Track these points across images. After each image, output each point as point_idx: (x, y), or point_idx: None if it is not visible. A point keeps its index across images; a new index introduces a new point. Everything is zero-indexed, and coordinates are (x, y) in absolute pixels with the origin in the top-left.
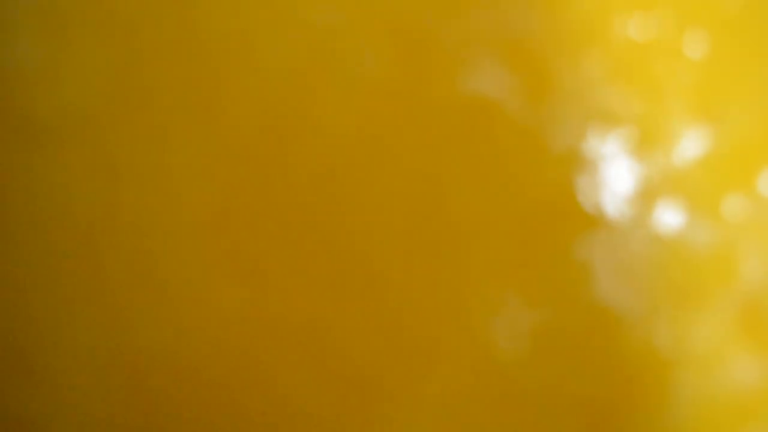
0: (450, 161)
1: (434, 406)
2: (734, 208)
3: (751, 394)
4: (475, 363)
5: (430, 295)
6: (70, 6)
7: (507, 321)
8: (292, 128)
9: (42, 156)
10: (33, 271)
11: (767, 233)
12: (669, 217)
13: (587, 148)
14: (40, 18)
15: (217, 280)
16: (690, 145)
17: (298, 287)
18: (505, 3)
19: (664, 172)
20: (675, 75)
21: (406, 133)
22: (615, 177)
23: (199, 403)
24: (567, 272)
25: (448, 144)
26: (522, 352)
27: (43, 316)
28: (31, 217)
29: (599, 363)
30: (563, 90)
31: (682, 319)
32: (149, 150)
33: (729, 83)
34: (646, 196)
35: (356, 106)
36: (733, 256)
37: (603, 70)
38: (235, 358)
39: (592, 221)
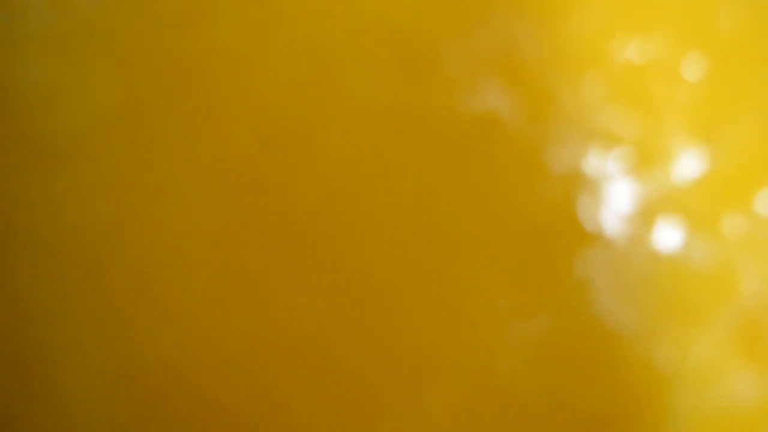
0: (452, 180)
1: (435, 419)
2: (732, 226)
3: (749, 409)
4: (476, 377)
5: (431, 310)
6: (73, 29)
7: (508, 336)
8: (295, 147)
9: (44, 175)
10: (36, 287)
11: (765, 251)
12: (668, 236)
13: (587, 167)
14: (43, 40)
15: (219, 296)
16: (688, 164)
17: (300, 302)
18: (507, 25)
19: (662, 191)
20: (673, 96)
21: (408, 152)
22: (615, 196)
23: (203, 416)
24: (567, 289)
25: (450, 163)
26: (523, 367)
27: (47, 331)
28: (34, 235)
29: (599, 378)
30: (564, 110)
31: (681, 336)
32: (151, 169)
33: (726, 104)
34: (646, 214)
35: (359, 126)
36: (732, 273)
37: (603, 91)
38: (237, 371)
39: (593, 239)
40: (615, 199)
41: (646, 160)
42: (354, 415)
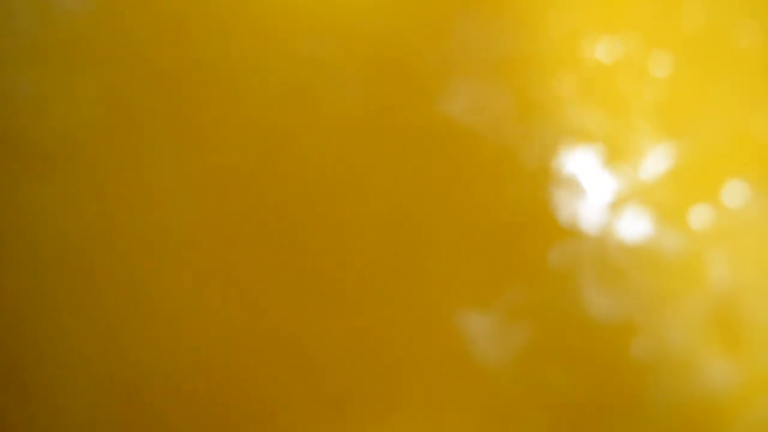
0: (428, 180)
1: (418, 417)
2: (701, 218)
3: (725, 394)
4: (455, 372)
5: (410, 308)
6: (59, 39)
7: (489, 330)
8: (276, 153)
9: (34, 181)
10: (28, 291)
11: (733, 241)
12: (639, 228)
13: (560, 163)
14: (30, 51)
15: (205, 297)
16: (657, 159)
17: (282, 302)
18: (479, 27)
19: (633, 185)
20: (641, 94)
21: (386, 154)
22: (587, 190)
23: (191, 416)
24: (544, 282)
25: (427, 163)
26: (503, 361)
27: (39, 334)
28: (26, 241)
29: (578, 368)
30: (536, 109)
31: (656, 324)
32: (139, 175)
33: (692, 100)
34: (617, 208)
35: (336, 131)
36: (702, 263)
37: (573, 90)
38: (225, 372)
39: (566, 233)
40: (587, 194)
41: (616, 155)
42: (337, 413)
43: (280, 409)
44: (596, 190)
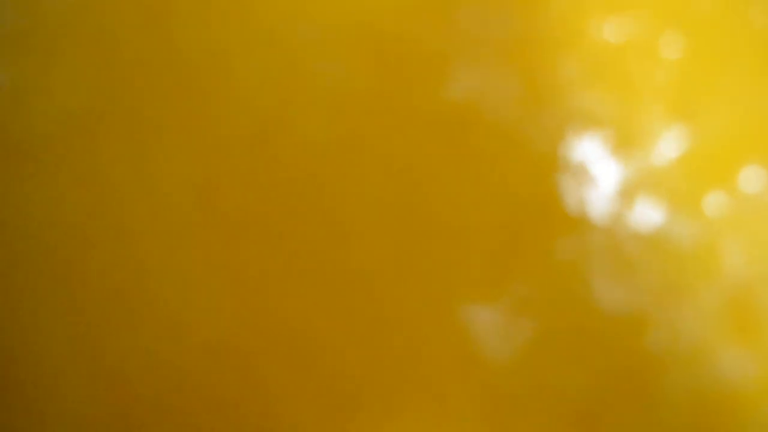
0: (433, 167)
1: (424, 412)
2: (716, 205)
3: (740, 387)
4: (464, 367)
5: (418, 300)
6: (38, 28)
7: (496, 324)
8: (276, 137)
9: (27, 169)
10: (19, 279)
11: (750, 229)
12: (651, 216)
13: (568, 149)
14: (8, 40)
15: (204, 286)
16: (669, 143)
17: (286, 293)
18: (485, 9)
19: (644, 171)
20: (652, 76)
21: (389, 139)
22: (596, 177)
23: (187, 409)
24: (552, 272)
25: (431, 149)
26: (511, 354)
27: (29, 323)
28: (18, 227)
29: (589, 362)
30: (543, 93)
31: (670, 315)
32: (134, 160)
33: (706, 82)
34: (628, 195)
35: (339, 114)
36: (717, 252)
37: (581, 73)
38: (223, 362)
39: (575, 222)
40: (596, 181)
41: (626, 140)
42: (342, 406)
43: (284, 406)
44: (606, 178)
